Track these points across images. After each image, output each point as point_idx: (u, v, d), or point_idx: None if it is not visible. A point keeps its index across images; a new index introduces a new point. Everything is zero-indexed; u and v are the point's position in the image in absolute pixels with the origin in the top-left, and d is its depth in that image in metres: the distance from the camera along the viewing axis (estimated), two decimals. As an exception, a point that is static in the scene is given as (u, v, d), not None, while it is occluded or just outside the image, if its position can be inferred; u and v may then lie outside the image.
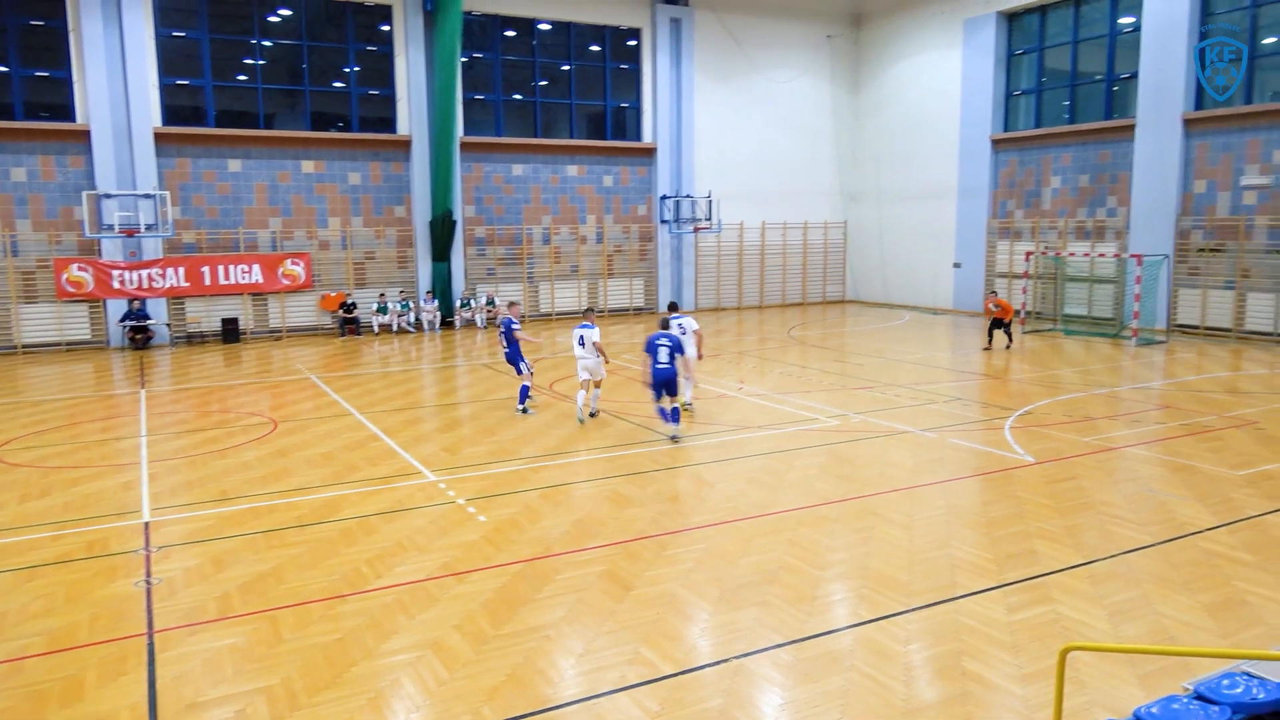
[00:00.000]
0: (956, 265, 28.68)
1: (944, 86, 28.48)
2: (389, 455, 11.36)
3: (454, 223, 25.30)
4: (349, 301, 24.31)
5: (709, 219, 28.80)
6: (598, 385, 13.22)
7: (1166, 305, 22.67)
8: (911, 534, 8.27)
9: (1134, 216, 23.30)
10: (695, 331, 13.56)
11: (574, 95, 27.94)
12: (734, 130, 30.00)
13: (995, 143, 27.19)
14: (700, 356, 14.08)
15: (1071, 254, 24.20)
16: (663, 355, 11.68)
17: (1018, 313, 23.53)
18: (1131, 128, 23.25)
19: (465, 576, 7.36)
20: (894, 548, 7.92)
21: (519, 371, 13.79)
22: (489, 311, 25.77)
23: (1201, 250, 22.11)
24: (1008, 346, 20.30)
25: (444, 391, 16.88)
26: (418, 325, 24.97)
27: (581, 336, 12.87)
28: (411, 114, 25.05)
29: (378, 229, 25.19)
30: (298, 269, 23.87)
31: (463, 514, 8.98)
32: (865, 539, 8.16)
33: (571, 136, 27.96)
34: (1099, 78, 24.81)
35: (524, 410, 13.59)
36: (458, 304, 25.70)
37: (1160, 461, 10.79)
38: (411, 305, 24.95)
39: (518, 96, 27.42)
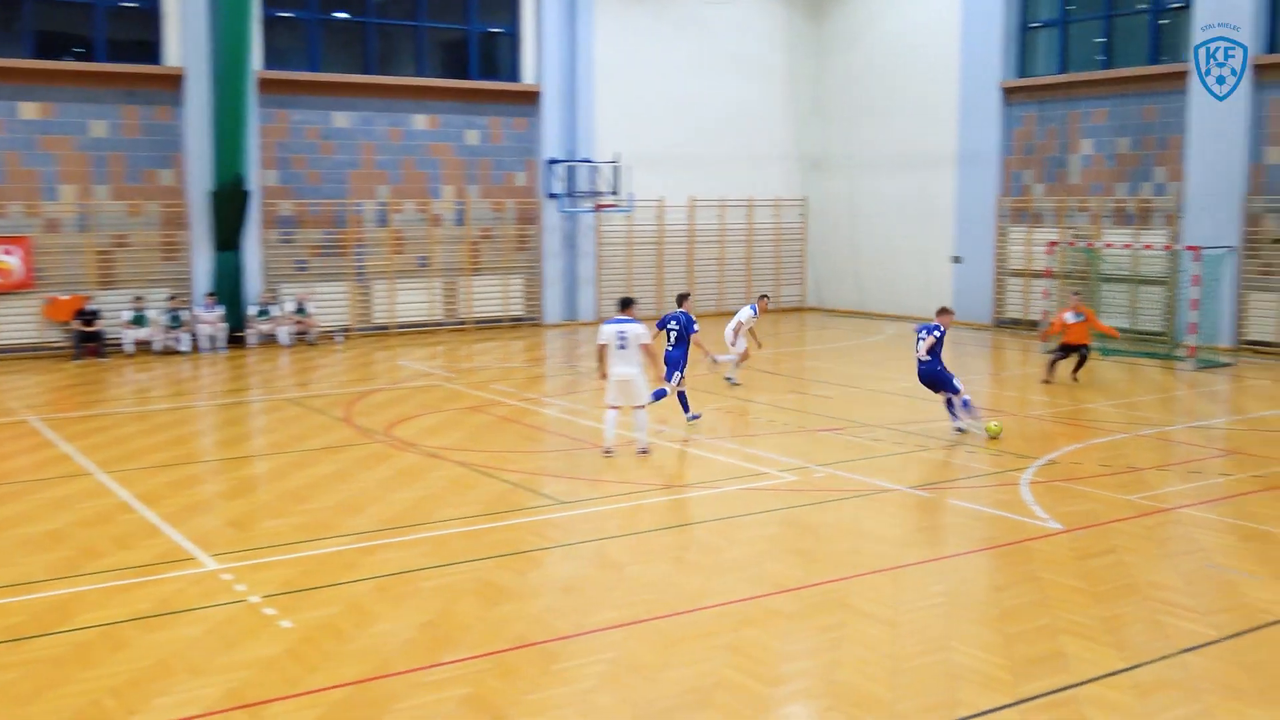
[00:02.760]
0: (956, 260, 29.47)
1: (937, 15, 29.37)
2: (147, 533, 11.09)
3: (247, 194, 24.88)
4: (89, 309, 23.64)
5: (616, 193, 29.01)
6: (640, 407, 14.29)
7: (1233, 316, 23.76)
8: (896, 632, 8.42)
9: (1189, 195, 24.30)
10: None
11: (423, 15, 27.85)
12: (651, 70, 30.35)
13: (1006, 92, 28.14)
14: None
15: (1109, 245, 25.05)
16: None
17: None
18: (1185, 75, 24.31)
19: (261, 709, 7.20)
20: (873, 652, 8.04)
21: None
22: (299, 323, 25.34)
23: (1276, 241, 23.20)
24: (1075, 371, 19.54)
25: (232, 439, 16.50)
26: (193, 343, 24.41)
27: (622, 334, 13.91)
28: (185, 37, 24.60)
29: (133, 203, 24.61)
30: (10, 260, 23.22)
31: (257, 617, 8.80)
32: (833, 641, 8.27)
33: (420, 74, 27.84)
34: (1143, 7, 25.97)
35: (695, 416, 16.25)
36: (252, 312, 25.23)
37: (1227, 527, 11.25)
38: (184, 315, 24.39)
39: (342, 15, 27.17)
